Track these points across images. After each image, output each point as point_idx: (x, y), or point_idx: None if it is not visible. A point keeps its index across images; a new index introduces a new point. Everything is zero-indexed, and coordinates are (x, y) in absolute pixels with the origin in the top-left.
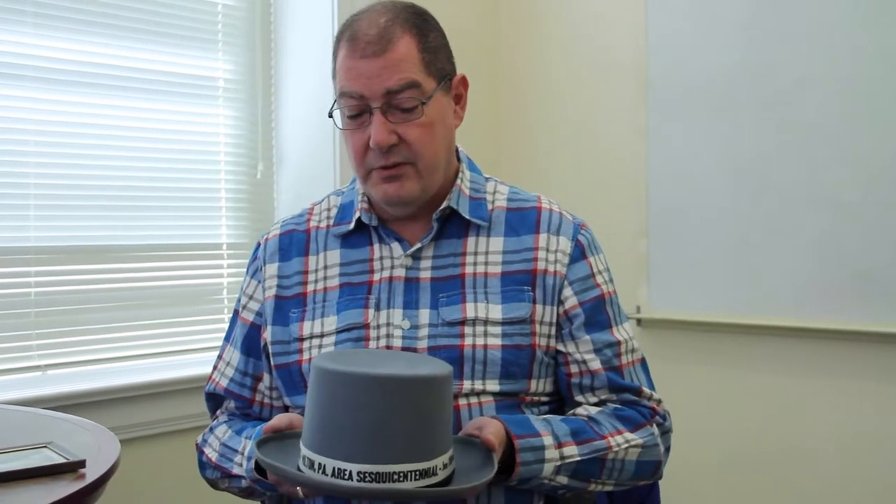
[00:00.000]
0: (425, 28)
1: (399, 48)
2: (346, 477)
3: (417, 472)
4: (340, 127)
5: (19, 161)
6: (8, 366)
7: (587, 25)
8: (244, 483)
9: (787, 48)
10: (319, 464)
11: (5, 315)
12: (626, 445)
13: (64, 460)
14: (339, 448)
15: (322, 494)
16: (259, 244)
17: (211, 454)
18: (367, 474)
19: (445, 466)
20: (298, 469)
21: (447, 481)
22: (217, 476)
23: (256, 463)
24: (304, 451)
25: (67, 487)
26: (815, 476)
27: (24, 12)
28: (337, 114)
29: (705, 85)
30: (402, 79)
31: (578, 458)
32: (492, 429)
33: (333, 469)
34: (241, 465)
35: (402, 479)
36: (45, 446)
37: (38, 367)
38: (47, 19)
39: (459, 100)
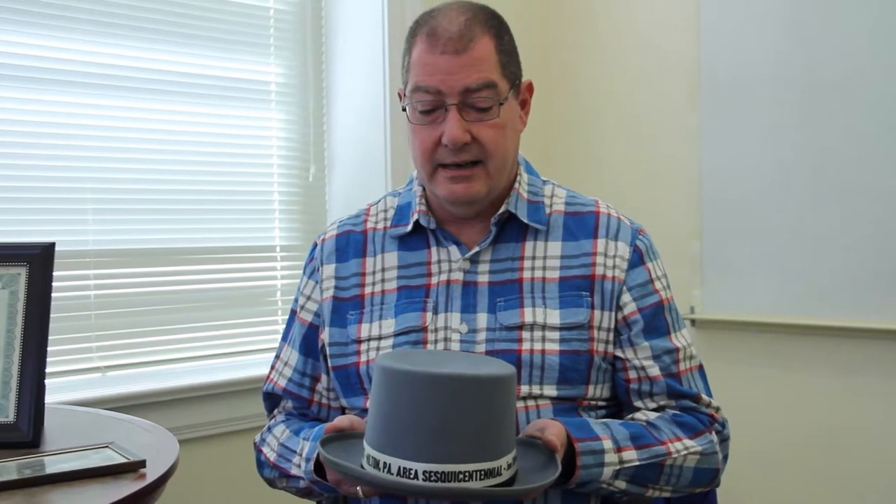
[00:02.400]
0: (501, 30)
1: (479, 47)
2: (411, 476)
3: (482, 472)
4: (412, 121)
5: (78, 166)
6: (69, 367)
7: (638, 24)
8: (302, 484)
9: (840, 43)
10: (384, 463)
11: (66, 317)
12: (686, 452)
13: (125, 460)
14: (404, 447)
15: (388, 493)
16: (315, 244)
17: (269, 454)
18: (432, 473)
19: (510, 466)
20: (362, 468)
21: (511, 482)
22: (275, 476)
23: (315, 464)
24: (369, 450)
25: (128, 487)
26: (874, 479)
27: (79, 20)
28: (408, 108)
29: (758, 82)
30: (480, 78)
31: (637, 463)
32: (554, 430)
33: (399, 468)
34: (299, 465)
35: (467, 478)
36: (106, 446)
37: (98, 369)
38: (103, 26)
39: (524, 105)
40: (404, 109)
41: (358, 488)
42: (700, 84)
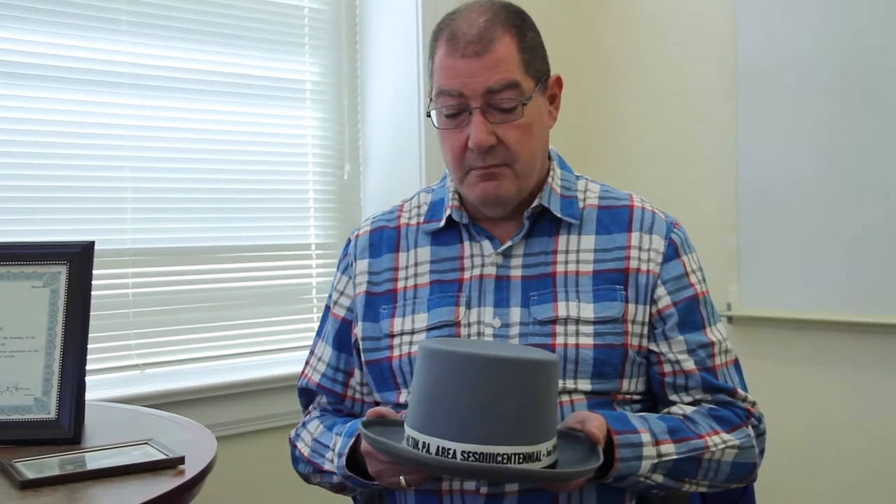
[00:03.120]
0: (524, 28)
1: (499, 48)
2: (450, 456)
3: (521, 456)
4: (438, 126)
5: (117, 166)
6: (108, 364)
7: (673, 14)
8: (336, 479)
9: (882, 31)
10: (424, 443)
11: (105, 315)
12: (723, 446)
13: (164, 457)
14: (444, 427)
15: (425, 471)
16: (349, 240)
17: (303, 449)
18: (471, 454)
19: (549, 453)
20: None
21: (549, 469)
22: (309, 471)
23: (348, 460)
24: (409, 431)
25: (168, 483)
26: None
27: (118, 21)
28: (434, 113)
29: (796, 72)
30: (502, 79)
31: (675, 457)
32: (596, 422)
33: (438, 448)
34: (332, 461)
35: (505, 461)
36: (145, 443)
37: (136, 366)
38: (140, 27)
39: (554, 100)
40: (429, 115)
41: (401, 478)
42: (737, 74)
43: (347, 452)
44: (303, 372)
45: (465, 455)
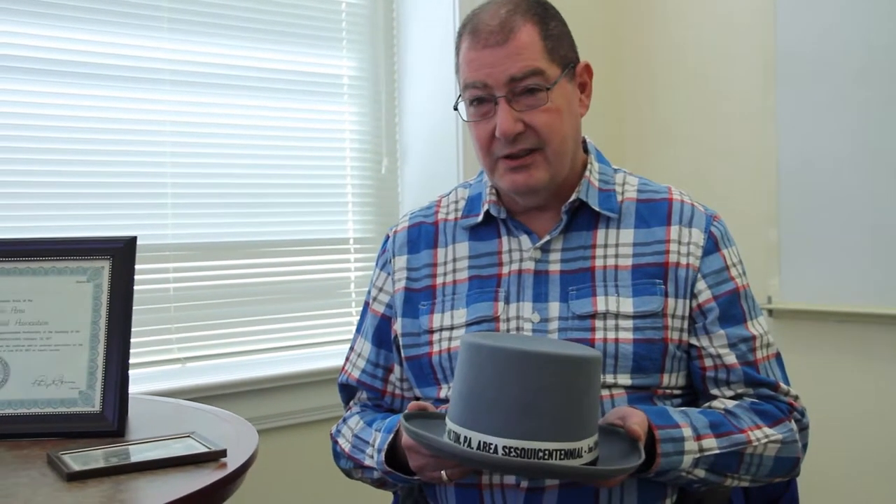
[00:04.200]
0: (546, 16)
1: (521, 36)
2: (491, 451)
3: (563, 452)
4: (465, 119)
5: (157, 161)
6: (150, 358)
7: (710, 2)
8: (376, 474)
9: None
10: (465, 437)
11: (147, 310)
12: (766, 440)
13: (206, 450)
14: (486, 422)
15: (466, 466)
16: (388, 237)
17: (344, 445)
18: (512, 449)
19: (591, 450)
20: None
21: (591, 466)
22: (350, 466)
23: (387, 455)
24: (450, 425)
25: (210, 476)
26: None
27: (158, 18)
28: (462, 106)
29: (838, 60)
30: (525, 66)
31: (717, 452)
32: (637, 419)
33: (479, 442)
34: (371, 456)
35: (546, 457)
36: (188, 436)
37: (177, 360)
38: (180, 24)
39: (584, 88)
40: (455, 108)
41: (442, 473)
42: (777, 62)
43: (387, 448)
44: (343, 368)
45: (507, 450)
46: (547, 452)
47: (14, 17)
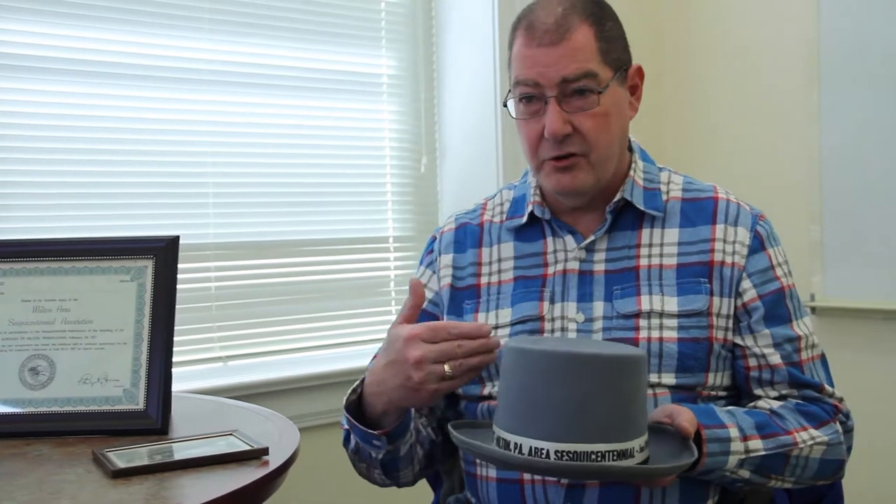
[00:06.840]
0: (602, 17)
1: (576, 37)
2: (543, 456)
3: (615, 453)
4: (514, 116)
5: (199, 161)
6: (192, 357)
7: (754, 2)
8: (353, 440)
9: None
10: (516, 443)
11: (189, 308)
12: (812, 442)
13: (249, 447)
14: (535, 427)
15: (520, 471)
16: (434, 237)
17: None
18: (564, 453)
19: (642, 450)
20: None
21: (644, 465)
22: (343, 441)
23: (348, 400)
24: (499, 432)
25: (253, 473)
26: None
27: (199, 19)
28: (511, 103)
29: (882, 59)
30: (578, 68)
31: (763, 453)
32: (686, 416)
33: (531, 448)
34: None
35: (599, 458)
36: (230, 434)
37: (219, 359)
38: (221, 24)
39: (635, 91)
40: (505, 104)
41: (445, 366)
42: (820, 61)
43: (354, 397)
44: None
45: (559, 454)
46: (600, 454)
47: (62, 21)
